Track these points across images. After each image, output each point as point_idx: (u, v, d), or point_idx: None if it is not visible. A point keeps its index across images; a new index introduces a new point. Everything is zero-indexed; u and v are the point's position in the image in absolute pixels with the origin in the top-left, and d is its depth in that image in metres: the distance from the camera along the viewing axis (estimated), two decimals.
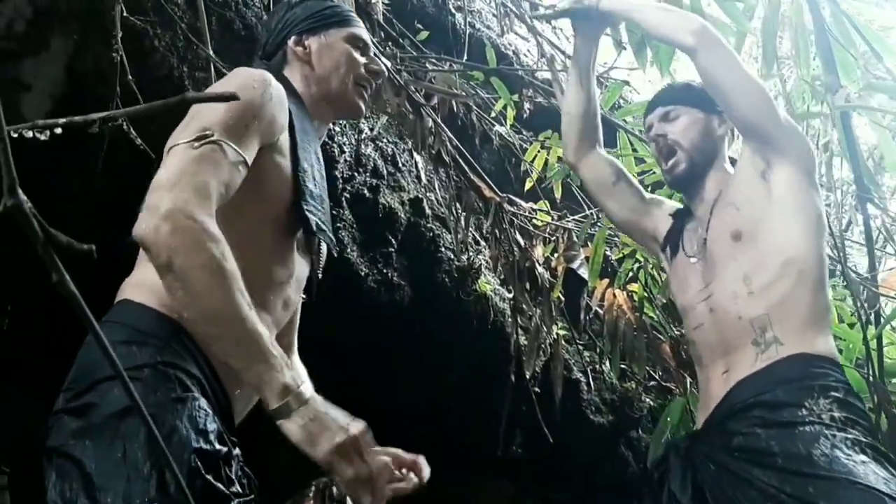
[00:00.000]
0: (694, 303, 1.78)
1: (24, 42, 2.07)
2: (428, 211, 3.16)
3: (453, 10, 4.14)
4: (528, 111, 2.95)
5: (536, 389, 3.07)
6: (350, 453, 1.11)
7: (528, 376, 2.84)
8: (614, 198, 2.01)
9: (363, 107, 1.57)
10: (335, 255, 1.45)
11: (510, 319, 3.08)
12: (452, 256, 3.09)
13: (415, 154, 3.18)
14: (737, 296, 1.67)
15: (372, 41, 1.65)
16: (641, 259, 3.04)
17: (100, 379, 1.08)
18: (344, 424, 1.12)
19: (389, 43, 3.35)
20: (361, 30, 1.59)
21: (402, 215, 3.02)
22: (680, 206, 2.00)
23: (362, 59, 1.55)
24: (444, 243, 3.12)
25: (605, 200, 2.04)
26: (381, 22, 3.31)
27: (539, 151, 2.93)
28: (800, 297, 1.63)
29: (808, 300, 1.63)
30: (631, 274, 3.12)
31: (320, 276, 1.45)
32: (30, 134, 0.96)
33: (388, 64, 2.67)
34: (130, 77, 1.96)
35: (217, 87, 1.36)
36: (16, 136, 1.00)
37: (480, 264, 3.10)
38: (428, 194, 3.24)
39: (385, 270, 2.90)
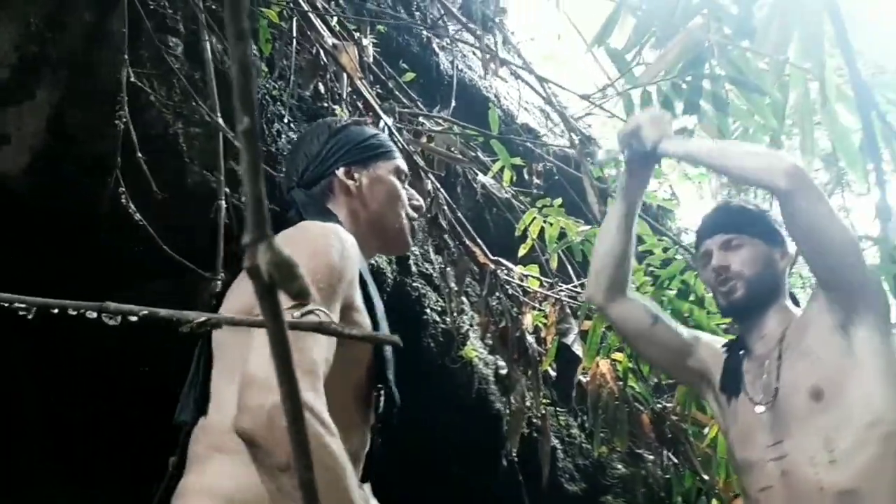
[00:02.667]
0: (762, 460, 1.63)
1: (5, 91, 1.85)
2: (414, 268, 3.04)
3: (437, 50, 4.03)
4: (537, 186, 2.85)
5: (514, 458, 2.98)
6: None
7: (513, 453, 2.74)
8: (653, 342, 1.88)
9: (411, 244, 1.46)
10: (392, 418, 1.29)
11: (494, 388, 2.98)
12: (438, 319, 2.97)
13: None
14: (816, 463, 1.53)
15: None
16: None
17: None
18: None
19: (377, 86, 3.21)
20: (403, 160, 1.51)
21: (389, 274, 2.88)
22: (722, 339, 1.90)
23: (406, 194, 1.45)
24: (429, 303, 2.99)
25: (643, 346, 1.92)
26: (371, 65, 3.18)
27: (535, 218, 2.84)
28: (888, 467, 1.51)
29: (894, 473, 1.51)
30: (618, 344, 3.05)
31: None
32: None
33: (390, 122, 2.54)
34: (139, 153, 1.75)
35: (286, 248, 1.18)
36: (116, 322, 0.83)
37: (468, 329, 2.98)
38: (413, 249, 3.11)
39: None
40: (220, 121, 1.86)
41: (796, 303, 1.81)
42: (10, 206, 1.93)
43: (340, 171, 1.40)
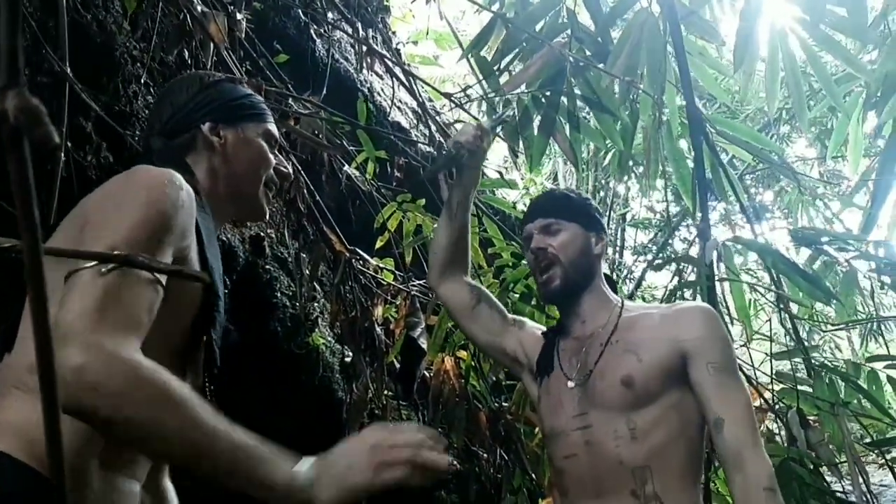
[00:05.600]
0: (567, 429, 1.71)
1: None
2: (268, 251, 2.99)
3: (314, 37, 3.99)
4: (396, 179, 2.88)
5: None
6: (384, 458, 1.03)
7: None
8: (474, 320, 1.97)
9: (267, 212, 1.43)
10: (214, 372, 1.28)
11: (338, 376, 2.99)
12: (288, 303, 2.94)
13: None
14: (618, 436, 1.63)
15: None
16: None
17: None
18: (355, 447, 1.05)
19: (248, 62, 3.15)
20: (274, 125, 1.46)
21: (241, 254, 2.83)
22: (542, 327, 1.99)
23: (273, 160, 1.43)
24: (280, 287, 2.96)
25: (467, 324, 2.00)
26: (243, 41, 3.11)
27: (395, 212, 2.88)
28: (678, 446, 1.63)
29: (684, 452, 1.64)
30: (462, 342, 3.14)
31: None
32: None
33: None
34: None
35: (114, 189, 1.15)
36: None
37: (317, 315, 2.97)
38: (269, 231, 3.07)
39: None
40: (69, 71, 1.77)
41: (612, 286, 1.92)
42: None
43: (206, 126, 1.35)
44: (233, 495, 1.04)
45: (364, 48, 3.89)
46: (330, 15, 4.08)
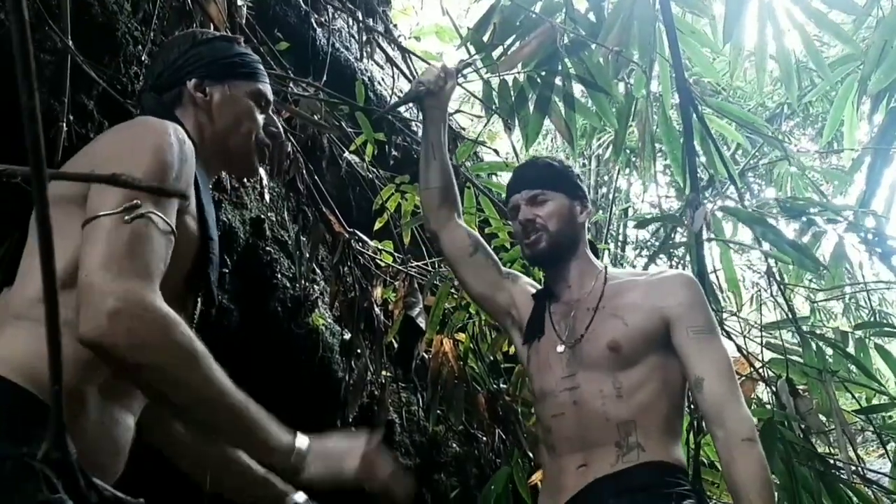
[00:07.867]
0: (556, 389, 1.77)
1: None
2: (268, 233, 3.03)
3: (315, 25, 4.03)
4: (394, 158, 2.92)
5: (352, 429, 3.03)
6: (371, 464, 1.32)
7: (350, 419, 2.79)
8: (471, 269, 2.01)
9: (258, 170, 1.48)
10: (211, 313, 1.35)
11: (338, 357, 3.02)
12: (288, 284, 2.97)
13: (261, 169, 3.05)
14: (604, 395, 1.70)
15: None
16: (473, 311, 3.11)
17: None
18: (351, 446, 1.32)
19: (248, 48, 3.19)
20: (267, 86, 1.50)
21: (242, 235, 2.87)
22: (534, 283, 2.03)
23: (262, 119, 1.46)
24: (281, 269, 3.00)
25: (463, 271, 2.03)
26: (244, 27, 3.15)
27: (393, 194, 2.92)
28: (662, 402, 1.70)
29: (667, 408, 1.71)
30: (461, 324, 3.17)
31: None
32: None
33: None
34: None
35: (121, 140, 1.19)
36: None
37: (317, 296, 3.01)
38: (269, 214, 3.10)
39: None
40: (70, 43, 1.81)
41: (595, 251, 1.98)
42: None
43: (191, 83, 1.40)
44: None
45: (364, 36, 3.92)
46: (331, 5, 4.11)
